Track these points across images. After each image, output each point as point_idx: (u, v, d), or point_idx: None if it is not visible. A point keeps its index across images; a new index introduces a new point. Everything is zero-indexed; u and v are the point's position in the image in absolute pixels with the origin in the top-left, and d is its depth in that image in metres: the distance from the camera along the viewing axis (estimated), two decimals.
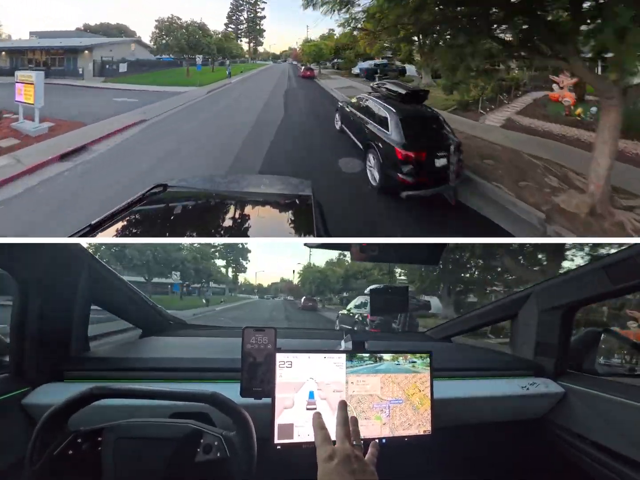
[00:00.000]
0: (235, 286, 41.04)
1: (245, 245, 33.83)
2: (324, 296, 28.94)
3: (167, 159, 7.28)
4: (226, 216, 2.01)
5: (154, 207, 2.00)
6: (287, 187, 2.50)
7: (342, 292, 27.48)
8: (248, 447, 1.07)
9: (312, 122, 10.66)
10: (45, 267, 1.44)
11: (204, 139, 8.94)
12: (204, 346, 1.97)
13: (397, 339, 2.72)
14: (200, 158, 7.27)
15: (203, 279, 27.30)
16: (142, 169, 6.65)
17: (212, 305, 19.39)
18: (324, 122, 9.89)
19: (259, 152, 7.55)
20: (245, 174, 5.86)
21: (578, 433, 1.77)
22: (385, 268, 16.97)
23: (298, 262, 62.61)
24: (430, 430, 1.46)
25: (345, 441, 0.89)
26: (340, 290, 27.80)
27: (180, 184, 2.33)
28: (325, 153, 7.46)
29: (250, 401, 1.31)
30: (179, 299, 21.30)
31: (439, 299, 13.62)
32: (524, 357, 2.07)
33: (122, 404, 1.25)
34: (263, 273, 79.49)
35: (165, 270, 22.05)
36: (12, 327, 1.42)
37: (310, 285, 29.64)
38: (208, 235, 1.91)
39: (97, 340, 2.77)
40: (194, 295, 25.88)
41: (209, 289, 30.95)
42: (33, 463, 1.00)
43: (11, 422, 1.29)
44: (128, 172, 6.46)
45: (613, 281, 1.63)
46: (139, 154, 7.77)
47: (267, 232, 1.95)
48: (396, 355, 1.47)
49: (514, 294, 2.21)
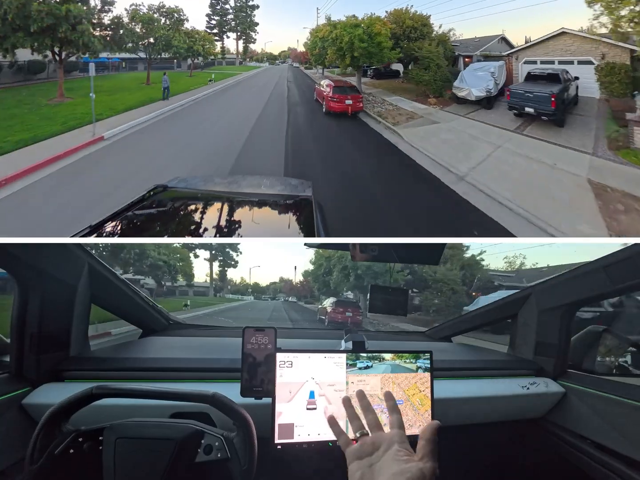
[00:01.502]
0: (224, 285, 37.86)
1: (237, 245, 32.42)
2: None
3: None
4: (226, 217, 2.00)
5: (154, 208, 2.00)
6: (288, 187, 2.50)
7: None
8: (249, 447, 1.07)
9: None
10: (45, 267, 1.44)
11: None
12: (204, 346, 1.97)
13: (397, 338, 2.72)
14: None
15: (180, 278, 25.00)
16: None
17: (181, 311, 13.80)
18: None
19: None
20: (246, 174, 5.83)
21: (578, 433, 1.77)
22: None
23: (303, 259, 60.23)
24: None
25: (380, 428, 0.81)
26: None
27: (180, 184, 2.33)
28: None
29: (250, 401, 1.32)
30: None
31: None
32: (524, 357, 2.07)
33: (122, 403, 1.25)
34: (259, 270, 76.08)
35: (140, 267, 20.27)
36: (12, 327, 1.42)
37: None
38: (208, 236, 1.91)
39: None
40: (170, 297, 22.31)
41: (191, 288, 29.04)
42: (33, 462, 1.00)
43: (11, 422, 1.29)
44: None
45: (613, 281, 1.63)
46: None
47: (268, 233, 1.95)
48: (396, 355, 1.47)
49: (514, 294, 2.21)
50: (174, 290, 26.27)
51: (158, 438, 1.05)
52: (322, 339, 2.29)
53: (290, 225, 1.99)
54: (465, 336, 2.68)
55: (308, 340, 2.22)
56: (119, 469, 1.01)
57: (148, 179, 4.15)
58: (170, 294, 24.44)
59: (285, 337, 2.06)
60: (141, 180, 5.04)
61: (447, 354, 2.04)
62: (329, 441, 1.34)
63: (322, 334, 2.74)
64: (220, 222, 1.89)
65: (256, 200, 2.19)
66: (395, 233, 4.32)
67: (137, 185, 2.87)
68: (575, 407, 1.80)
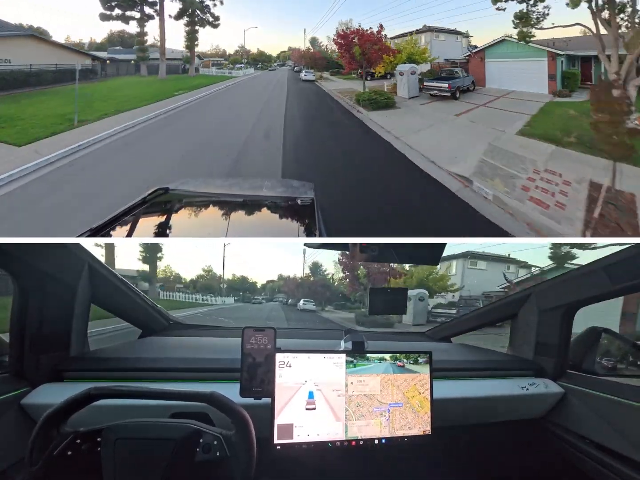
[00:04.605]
0: (165, 281, 26.40)
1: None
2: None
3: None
4: (227, 219, 2.00)
5: (156, 210, 2.00)
6: (289, 189, 2.49)
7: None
8: (247, 446, 1.07)
9: None
10: (45, 267, 1.43)
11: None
12: (204, 346, 1.97)
13: (396, 339, 2.71)
14: None
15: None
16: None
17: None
18: None
19: None
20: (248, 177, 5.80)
21: (578, 433, 1.77)
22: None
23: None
24: (430, 430, 1.46)
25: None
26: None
27: (182, 187, 2.32)
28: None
29: (250, 401, 1.31)
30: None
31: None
32: (524, 357, 2.07)
33: (121, 404, 1.25)
34: (255, 270, 65.31)
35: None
36: (12, 327, 1.42)
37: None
38: (209, 237, 1.91)
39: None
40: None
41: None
42: (32, 463, 1.00)
43: (10, 423, 1.29)
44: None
45: (613, 281, 1.63)
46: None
47: (269, 234, 1.95)
48: (396, 356, 1.47)
49: (514, 294, 2.21)
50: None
51: (157, 438, 1.05)
52: (322, 339, 2.29)
53: (292, 226, 1.99)
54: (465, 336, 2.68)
55: (307, 340, 2.22)
56: (118, 469, 1.01)
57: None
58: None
59: (285, 337, 2.05)
60: None
61: (446, 354, 2.04)
62: (328, 441, 1.34)
63: (322, 334, 2.73)
64: (220, 225, 1.89)
65: (258, 202, 2.19)
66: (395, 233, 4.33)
67: None
68: (575, 407, 1.79)
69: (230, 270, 47.75)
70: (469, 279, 18.92)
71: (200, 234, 1.87)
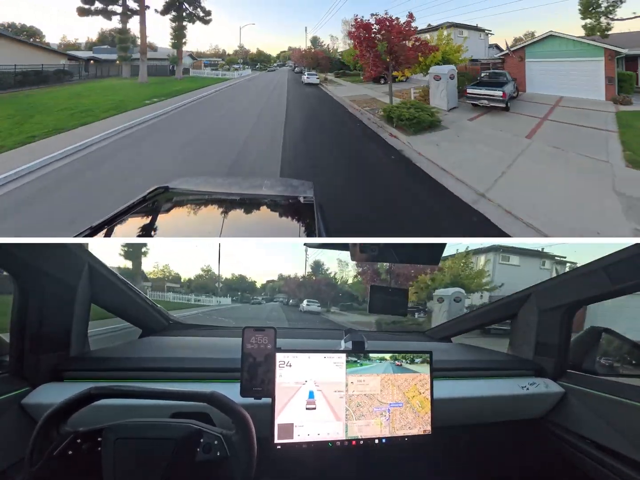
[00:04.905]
0: (153, 280, 24.33)
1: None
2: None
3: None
4: (227, 218, 2.00)
5: (155, 209, 2.00)
6: (289, 188, 2.49)
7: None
8: (248, 446, 1.07)
9: None
10: (45, 267, 1.43)
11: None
12: (204, 346, 1.97)
13: (396, 338, 2.71)
14: None
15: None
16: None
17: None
18: None
19: None
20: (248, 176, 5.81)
21: (578, 433, 1.77)
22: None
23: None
24: (430, 430, 1.46)
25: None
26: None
27: (182, 185, 2.32)
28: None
29: (250, 401, 1.31)
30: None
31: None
32: (524, 357, 2.07)
33: (121, 404, 1.25)
34: (253, 270, 62.80)
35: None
36: (12, 327, 1.42)
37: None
38: (208, 236, 1.90)
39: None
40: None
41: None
42: (33, 463, 1.00)
43: (11, 422, 1.29)
44: None
45: (613, 281, 1.64)
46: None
47: (268, 233, 1.94)
48: (396, 355, 1.47)
49: (514, 294, 2.21)
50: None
51: (157, 438, 1.05)
52: (322, 339, 2.29)
53: (291, 226, 1.99)
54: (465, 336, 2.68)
55: (308, 340, 2.22)
56: (118, 469, 1.01)
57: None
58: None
59: (285, 337, 2.05)
60: None
61: (447, 354, 2.04)
62: (329, 441, 1.34)
63: (322, 334, 2.73)
64: (219, 223, 1.88)
65: (257, 201, 2.19)
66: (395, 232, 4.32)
67: None
68: (575, 407, 1.80)
69: (229, 270, 47.35)
70: (502, 276, 16.42)
71: (198, 232, 1.87)
